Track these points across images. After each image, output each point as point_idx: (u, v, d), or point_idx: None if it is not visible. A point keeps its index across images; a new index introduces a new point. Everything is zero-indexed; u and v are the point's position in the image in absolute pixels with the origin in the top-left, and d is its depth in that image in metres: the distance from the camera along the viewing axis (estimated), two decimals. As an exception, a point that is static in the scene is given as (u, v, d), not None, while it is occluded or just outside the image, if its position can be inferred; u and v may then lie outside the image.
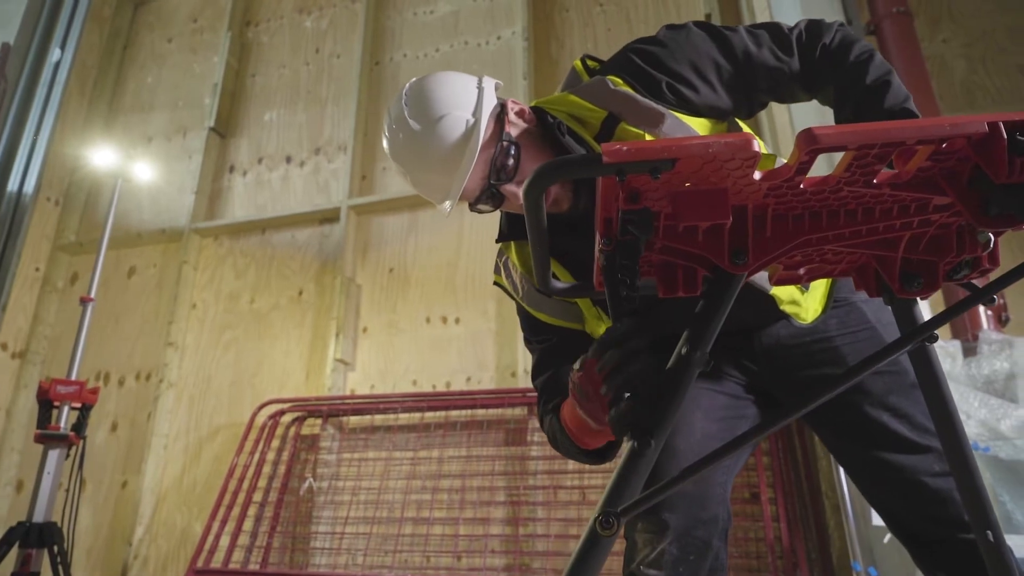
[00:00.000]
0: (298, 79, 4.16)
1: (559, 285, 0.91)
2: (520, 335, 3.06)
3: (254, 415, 3.23)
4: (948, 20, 3.29)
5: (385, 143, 1.23)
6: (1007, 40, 3.20)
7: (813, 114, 2.61)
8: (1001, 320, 2.32)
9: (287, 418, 3.24)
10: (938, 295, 2.55)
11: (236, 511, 2.99)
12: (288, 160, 3.96)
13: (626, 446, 0.70)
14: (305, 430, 3.23)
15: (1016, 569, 0.88)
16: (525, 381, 3.01)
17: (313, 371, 3.40)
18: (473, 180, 1.16)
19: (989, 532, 0.86)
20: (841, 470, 2.18)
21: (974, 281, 0.86)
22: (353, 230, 3.61)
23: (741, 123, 1.27)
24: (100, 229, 3.36)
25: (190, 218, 3.88)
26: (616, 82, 1.17)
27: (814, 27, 1.17)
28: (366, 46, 3.99)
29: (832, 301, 1.24)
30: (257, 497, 3.06)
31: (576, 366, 0.91)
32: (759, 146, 0.63)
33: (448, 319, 3.33)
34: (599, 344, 0.79)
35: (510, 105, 1.21)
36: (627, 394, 0.75)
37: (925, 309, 2.40)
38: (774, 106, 2.76)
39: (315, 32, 4.26)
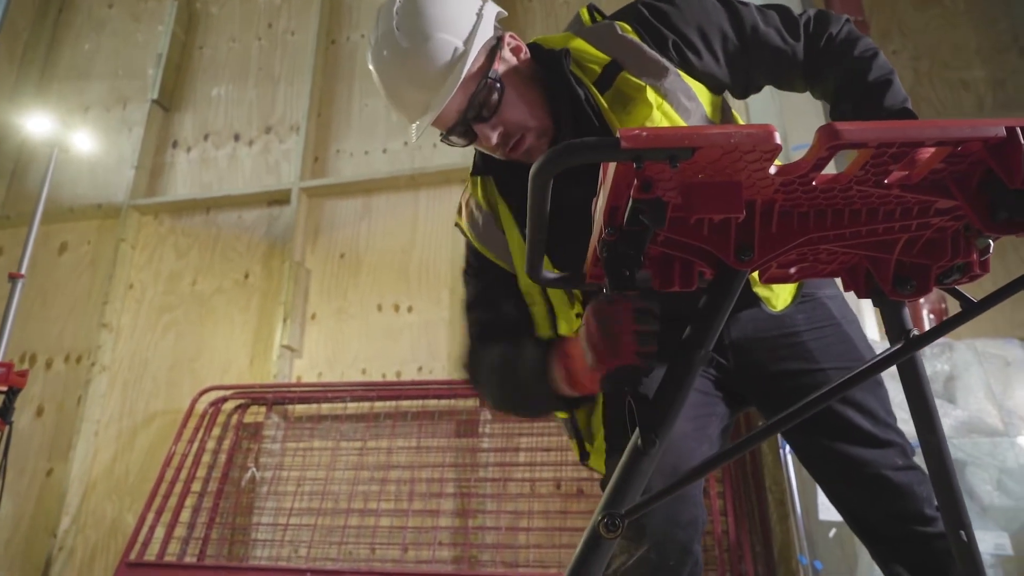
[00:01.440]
0: (249, 54, 4.00)
1: (549, 275, 0.88)
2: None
3: (194, 402, 3.10)
4: (898, 33, 3.40)
5: (369, 51, 1.16)
6: (951, 56, 3.32)
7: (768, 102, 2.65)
8: (942, 324, 2.40)
9: (229, 405, 3.13)
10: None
11: (173, 501, 2.86)
12: (236, 138, 3.81)
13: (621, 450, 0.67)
14: (248, 418, 3.11)
15: (983, 570, 0.90)
16: (478, 372, 2.98)
17: (258, 357, 3.28)
18: (449, 111, 1.10)
19: (962, 532, 0.88)
20: (790, 466, 2.23)
21: (960, 287, 0.87)
22: (304, 213, 3.50)
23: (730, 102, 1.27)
24: (29, 201, 3.17)
25: (129, 194, 3.69)
26: (624, 28, 1.14)
27: (822, 16, 1.16)
28: (322, 23, 3.86)
29: (800, 294, 1.25)
30: (196, 487, 2.94)
31: (603, 300, 0.88)
32: (779, 139, 0.62)
33: (401, 307, 3.27)
34: (644, 296, 0.77)
35: (507, 39, 1.16)
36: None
37: (869, 316, 2.47)
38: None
39: (268, 6, 4.10)
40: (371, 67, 1.16)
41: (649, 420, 0.67)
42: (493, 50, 1.13)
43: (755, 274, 1.18)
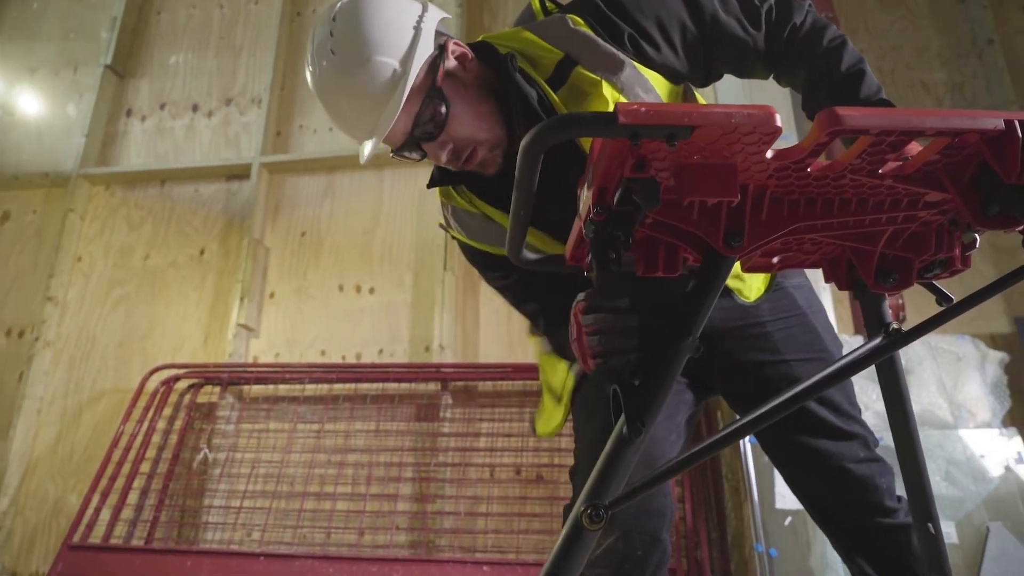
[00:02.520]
0: (210, 23, 3.86)
1: (530, 256, 0.86)
2: (437, 309, 3.01)
3: (144, 380, 3.00)
4: (864, 31, 3.45)
5: (308, 74, 1.11)
6: (913, 57, 3.39)
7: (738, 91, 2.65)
8: (899, 318, 2.46)
9: (182, 385, 3.03)
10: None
11: (120, 483, 2.76)
12: (195, 109, 3.67)
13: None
14: (201, 398, 3.02)
15: (948, 562, 0.91)
16: (440, 356, 2.95)
17: (213, 336, 3.19)
18: (395, 132, 1.06)
19: (930, 524, 0.89)
20: (748, 455, 2.26)
21: (937, 283, 0.87)
22: (264, 189, 3.39)
23: (696, 92, 1.24)
24: (-30, 166, 3.00)
25: (79, 163, 3.52)
26: (576, 22, 1.09)
27: (784, 4, 1.12)
28: (287, -6, 3.75)
29: (774, 284, 1.24)
30: (144, 468, 2.85)
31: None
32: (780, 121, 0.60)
33: (362, 288, 3.20)
34: (589, 296, 0.76)
35: (450, 48, 1.10)
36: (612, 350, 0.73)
37: (829, 308, 2.51)
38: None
39: (230, -27, 3.95)
40: (312, 89, 1.11)
41: (636, 408, 0.65)
42: (435, 63, 1.07)
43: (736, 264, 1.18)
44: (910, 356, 2.34)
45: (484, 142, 1.10)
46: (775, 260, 0.89)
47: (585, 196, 0.74)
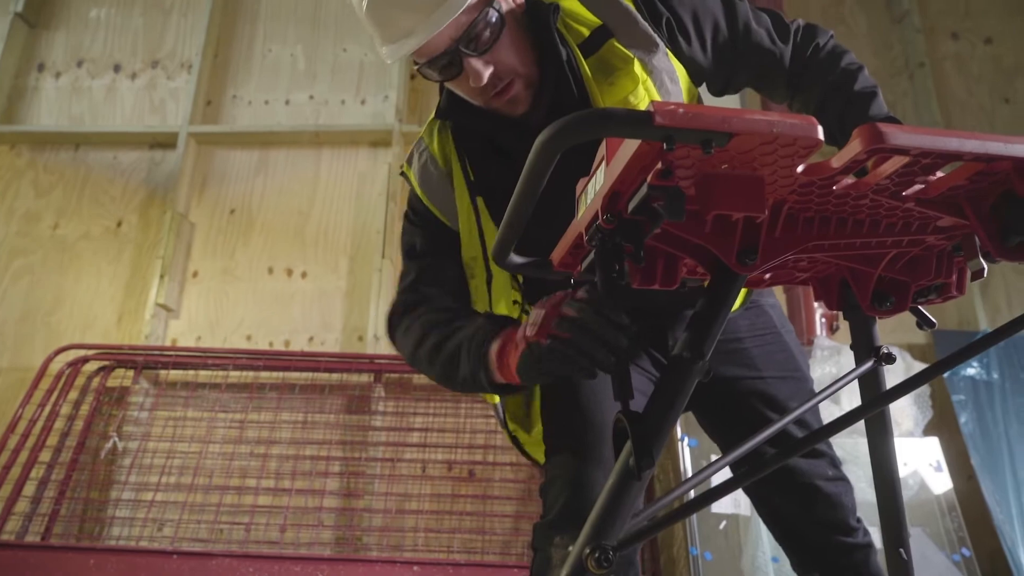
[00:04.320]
0: (137, -24, 3.58)
1: (516, 260, 0.79)
2: (373, 298, 2.90)
3: (48, 360, 2.75)
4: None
5: None
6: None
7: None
8: (832, 328, 2.53)
9: (91, 367, 2.80)
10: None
11: (15, 472, 2.53)
12: (116, 69, 3.40)
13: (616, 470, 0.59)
14: (112, 382, 2.81)
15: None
16: (374, 346, 2.84)
17: (127, 315, 2.97)
18: (440, 37, 0.99)
19: (902, 550, 0.88)
20: (687, 458, 2.27)
21: (923, 308, 0.86)
22: (192, 161, 3.18)
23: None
24: None
25: (-21, 117, 3.22)
26: None
27: (810, 27, 1.17)
28: (225, -46, 3.51)
29: (749, 300, 1.23)
30: (44, 457, 2.61)
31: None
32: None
33: (294, 272, 3.05)
34: (590, 291, 0.72)
35: None
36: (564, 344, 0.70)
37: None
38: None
39: (162, -75, 3.68)
40: None
41: (645, 439, 0.59)
42: None
43: None
44: (843, 365, 2.41)
45: (523, 76, 1.06)
46: (768, 276, 0.85)
47: (589, 199, 0.68)
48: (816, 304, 2.55)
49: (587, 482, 1.02)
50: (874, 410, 0.78)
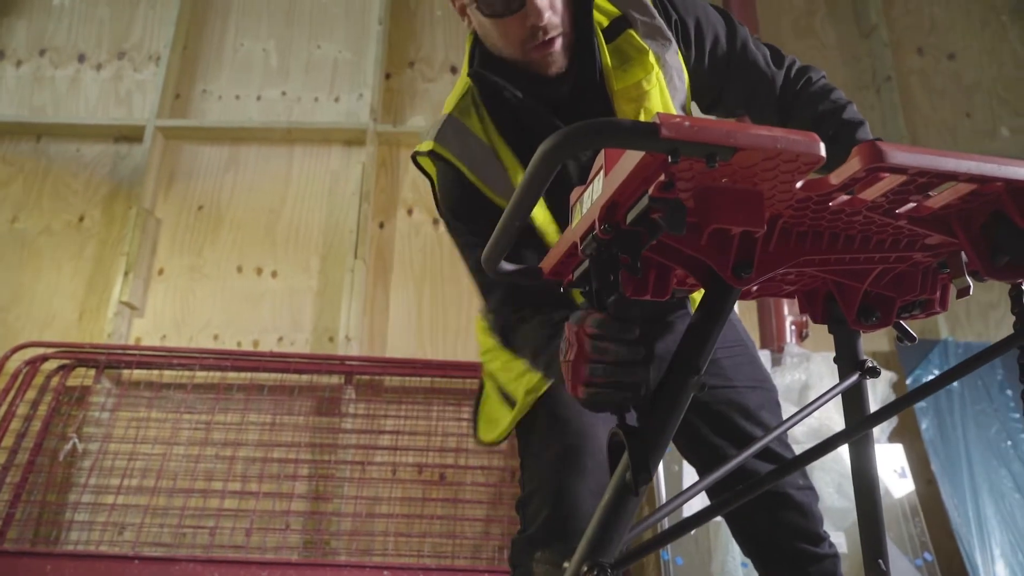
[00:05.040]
0: (104, -36, 3.48)
1: (505, 267, 0.78)
2: (345, 298, 2.86)
3: (5, 358, 2.66)
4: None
5: None
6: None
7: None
8: (802, 335, 2.57)
9: (49, 365, 2.71)
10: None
11: (-32, 473, 2.44)
12: (81, 59, 3.30)
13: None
14: (72, 381, 2.72)
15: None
16: (345, 347, 2.80)
17: (89, 313, 2.88)
18: None
19: (881, 561, 0.89)
20: (660, 471, 2.28)
21: (905, 323, 0.87)
22: (159, 155, 3.10)
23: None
24: None
25: (-66, 105, 3.10)
26: None
27: (804, 65, 1.23)
28: (197, -57, 3.44)
29: None
30: (-1, 458, 2.53)
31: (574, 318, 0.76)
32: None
33: (264, 271, 3.00)
34: (600, 325, 0.68)
35: None
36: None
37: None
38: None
39: (131, -88, 3.58)
40: None
41: (642, 453, 0.59)
42: None
43: None
44: (811, 372, 2.44)
45: (567, 36, 1.09)
46: (755, 288, 0.86)
47: (586, 209, 0.67)
48: (786, 311, 2.58)
49: (568, 495, 1.01)
50: (862, 431, 0.79)
